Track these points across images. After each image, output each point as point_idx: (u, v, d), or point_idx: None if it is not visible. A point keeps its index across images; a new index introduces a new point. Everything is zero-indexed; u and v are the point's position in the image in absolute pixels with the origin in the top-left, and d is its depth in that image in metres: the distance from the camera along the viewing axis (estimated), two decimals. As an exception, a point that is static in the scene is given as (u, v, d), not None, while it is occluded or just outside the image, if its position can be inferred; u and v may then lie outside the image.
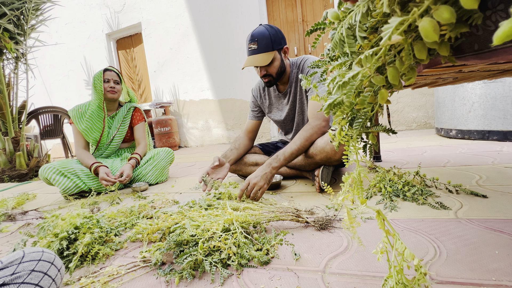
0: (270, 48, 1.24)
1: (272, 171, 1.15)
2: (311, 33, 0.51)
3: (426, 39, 0.26)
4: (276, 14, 4.04)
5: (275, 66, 1.30)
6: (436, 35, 0.26)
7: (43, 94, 5.84)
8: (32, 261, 0.47)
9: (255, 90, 1.59)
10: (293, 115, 1.50)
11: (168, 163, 1.90)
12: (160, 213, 1.02)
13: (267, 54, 1.24)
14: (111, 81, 1.78)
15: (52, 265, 0.49)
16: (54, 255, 0.51)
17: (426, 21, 0.26)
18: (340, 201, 0.47)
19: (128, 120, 1.92)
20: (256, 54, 1.24)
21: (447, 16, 0.25)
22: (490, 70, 0.77)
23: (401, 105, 3.53)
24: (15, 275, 0.44)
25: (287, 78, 1.42)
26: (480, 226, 0.72)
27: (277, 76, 1.34)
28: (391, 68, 0.32)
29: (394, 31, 0.28)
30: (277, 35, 1.26)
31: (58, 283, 0.50)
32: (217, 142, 4.57)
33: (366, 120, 0.41)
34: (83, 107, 1.79)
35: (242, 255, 0.66)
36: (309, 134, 1.21)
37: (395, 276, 0.42)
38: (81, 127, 1.76)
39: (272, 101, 1.55)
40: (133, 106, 1.95)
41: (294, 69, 1.41)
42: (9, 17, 2.79)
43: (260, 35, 1.23)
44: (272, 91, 1.52)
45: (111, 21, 5.04)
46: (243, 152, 1.53)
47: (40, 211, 1.37)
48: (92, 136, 1.79)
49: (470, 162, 1.45)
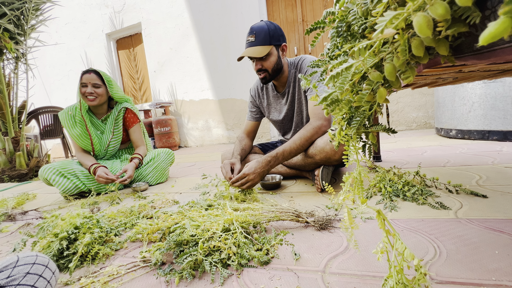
0: (267, 42, 1.25)
1: (269, 169, 1.19)
2: (310, 32, 0.51)
3: (420, 34, 0.26)
4: (276, 14, 4.04)
5: (271, 61, 1.29)
6: (429, 30, 0.26)
7: (43, 94, 5.84)
8: (27, 264, 0.48)
9: (253, 90, 1.59)
10: (291, 115, 1.50)
11: (169, 164, 1.90)
12: (160, 213, 1.02)
13: (263, 48, 1.25)
14: (89, 85, 1.64)
15: (46, 268, 0.50)
16: (48, 259, 0.52)
17: (420, 16, 0.26)
18: (341, 201, 0.47)
19: (120, 122, 1.81)
20: (253, 47, 1.25)
21: (441, 12, 0.25)
22: (490, 70, 0.77)
23: (401, 105, 3.53)
24: (11, 278, 0.45)
25: (285, 78, 1.42)
26: (480, 226, 0.72)
27: (273, 73, 1.33)
28: (388, 64, 0.32)
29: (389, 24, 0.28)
30: (276, 31, 1.28)
31: (53, 285, 0.51)
32: (217, 142, 4.57)
33: (364, 118, 0.41)
34: (73, 109, 1.69)
35: (242, 255, 0.66)
36: (310, 134, 1.22)
37: (395, 276, 0.42)
38: (72, 133, 1.67)
39: (270, 101, 1.54)
40: (124, 107, 1.82)
41: (292, 69, 1.41)
42: (9, 17, 2.80)
43: (258, 29, 1.25)
44: (270, 91, 1.52)
45: (111, 21, 5.05)
46: (248, 152, 1.55)
47: (40, 211, 1.37)
48: (86, 147, 1.72)
49: (470, 162, 1.45)
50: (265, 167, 1.16)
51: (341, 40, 0.46)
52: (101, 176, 1.52)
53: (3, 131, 2.91)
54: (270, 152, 1.21)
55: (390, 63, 0.32)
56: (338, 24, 0.46)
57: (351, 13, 0.43)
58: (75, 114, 1.68)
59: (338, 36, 0.46)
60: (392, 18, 0.28)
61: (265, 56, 1.27)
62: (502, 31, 0.20)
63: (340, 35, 0.46)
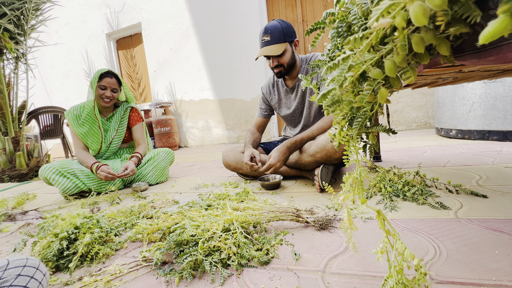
0: (282, 40, 1.32)
1: (290, 154, 1.32)
2: (311, 32, 0.51)
3: (416, 23, 0.26)
4: (276, 14, 4.04)
5: (287, 57, 1.37)
6: (425, 19, 0.25)
7: (43, 94, 5.84)
8: (18, 267, 0.49)
9: (265, 87, 1.67)
10: (301, 110, 1.56)
11: (168, 163, 1.90)
12: (160, 213, 1.02)
13: (279, 45, 1.31)
14: (108, 89, 1.69)
15: (37, 270, 0.51)
16: (39, 262, 0.53)
17: (416, 5, 0.26)
18: (341, 201, 0.47)
19: (125, 121, 1.87)
20: (269, 45, 1.32)
21: (438, 2, 0.25)
22: (490, 70, 0.77)
23: (401, 105, 3.53)
24: (2, 280, 0.46)
25: (297, 72, 1.48)
26: (480, 226, 0.72)
27: (288, 67, 1.41)
28: (388, 60, 0.32)
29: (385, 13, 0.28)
30: (289, 28, 1.35)
31: (45, 286, 0.51)
32: (217, 142, 4.57)
33: (366, 119, 0.41)
34: (79, 109, 1.73)
35: (242, 255, 0.66)
36: (328, 126, 1.32)
37: (395, 276, 0.42)
38: (78, 131, 1.71)
39: (281, 97, 1.61)
40: (130, 106, 1.89)
41: (304, 64, 1.48)
42: (9, 17, 2.79)
43: (273, 28, 1.31)
44: (281, 87, 1.58)
45: (111, 21, 5.04)
46: (258, 144, 1.65)
47: (40, 211, 1.37)
48: (92, 145, 1.76)
49: (470, 162, 1.45)
50: (286, 153, 1.29)
51: (341, 41, 0.46)
52: (103, 171, 1.54)
53: (3, 131, 2.91)
54: (289, 138, 1.34)
55: (390, 59, 0.32)
56: (339, 25, 0.46)
57: (352, 13, 0.43)
58: (80, 114, 1.72)
59: (339, 37, 0.46)
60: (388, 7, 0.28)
61: (281, 53, 1.33)
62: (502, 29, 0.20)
63: (341, 35, 0.46)
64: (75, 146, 1.76)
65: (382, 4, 0.29)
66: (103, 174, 1.53)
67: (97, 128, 1.76)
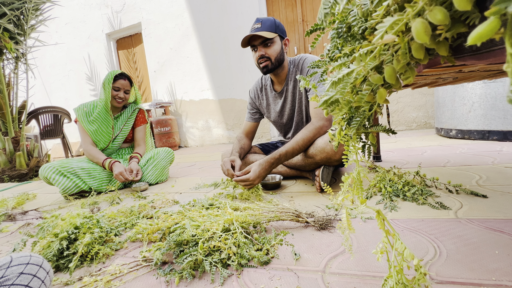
0: (273, 30, 1.27)
1: (271, 170, 1.22)
2: (311, 33, 0.51)
3: (417, 40, 0.26)
4: (276, 14, 4.04)
5: (275, 49, 1.30)
6: (427, 36, 0.26)
7: (43, 94, 5.84)
8: (21, 264, 0.48)
9: (253, 91, 1.60)
10: (292, 115, 1.50)
11: (168, 163, 1.90)
12: (160, 213, 1.02)
13: (269, 33, 1.26)
14: (121, 90, 1.76)
15: (40, 268, 0.50)
16: (42, 259, 0.52)
17: (418, 23, 0.26)
18: (340, 201, 0.47)
19: (132, 121, 1.92)
20: (259, 31, 1.25)
21: (440, 18, 0.25)
22: (490, 70, 0.77)
23: (401, 105, 3.53)
24: (4, 278, 0.45)
25: (285, 74, 1.42)
26: (480, 226, 0.72)
27: (276, 62, 1.32)
28: (388, 67, 0.32)
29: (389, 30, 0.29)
30: (281, 25, 1.32)
31: (48, 285, 0.51)
32: (217, 142, 4.57)
33: (364, 119, 0.41)
34: (89, 106, 1.78)
35: (242, 255, 0.66)
36: (312, 134, 1.23)
37: (395, 276, 0.42)
38: (88, 128, 1.75)
39: (269, 101, 1.54)
40: (138, 108, 1.95)
41: (292, 67, 1.41)
42: (9, 17, 2.79)
43: (265, 19, 1.29)
44: (269, 91, 1.52)
45: (111, 21, 5.04)
46: (247, 152, 1.57)
47: (40, 211, 1.37)
48: (99, 143, 1.81)
49: (470, 162, 1.45)
50: (268, 169, 1.20)
51: (341, 41, 0.46)
52: (121, 174, 1.61)
53: (3, 131, 2.91)
54: (272, 153, 1.22)
55: (390, 66, 0.32)
56: (338, 25, 0.46)
57: (351, 14, 0.43)
58: (91, 111, 1.78)
59: (339, 37, 0.46)
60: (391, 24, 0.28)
61: (269, 42, 1.28)
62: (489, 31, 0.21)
63: (341, 36, 0.46)
64: (83, 141, 1.79)
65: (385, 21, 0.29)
66: (121, 179, 1.61)
67: (108, 127, 1.80)
